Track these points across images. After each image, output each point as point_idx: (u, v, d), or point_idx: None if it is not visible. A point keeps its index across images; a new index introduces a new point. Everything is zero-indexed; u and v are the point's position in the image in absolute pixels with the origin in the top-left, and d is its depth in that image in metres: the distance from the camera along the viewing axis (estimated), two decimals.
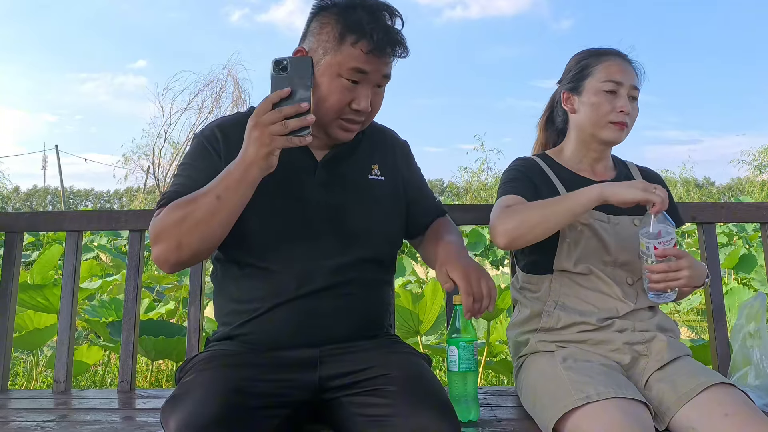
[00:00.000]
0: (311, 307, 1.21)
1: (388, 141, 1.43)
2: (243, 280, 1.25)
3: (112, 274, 5.57)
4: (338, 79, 1.19)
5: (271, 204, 1.22)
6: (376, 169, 1.35)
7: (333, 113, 1.22)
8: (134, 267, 1.76)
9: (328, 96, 1.20)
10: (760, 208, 1.79)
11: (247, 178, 1.11)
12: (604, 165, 1.51)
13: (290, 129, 1.06)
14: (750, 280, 5.97)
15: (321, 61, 1.20)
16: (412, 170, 1.45)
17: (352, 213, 1.28)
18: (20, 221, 1.85)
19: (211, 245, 1.17)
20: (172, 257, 1.16)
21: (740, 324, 1.50)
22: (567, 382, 1.20)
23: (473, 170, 19.06)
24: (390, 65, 1.24)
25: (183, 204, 1.15)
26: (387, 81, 1.25)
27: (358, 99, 1.20)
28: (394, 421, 1.04)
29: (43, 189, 36.24)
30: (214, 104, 20.77)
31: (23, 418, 1.40)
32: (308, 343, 1.20)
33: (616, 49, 1.47)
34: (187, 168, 1.26)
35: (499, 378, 3.22)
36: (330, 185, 1.28)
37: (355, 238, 1.26)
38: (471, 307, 1.16)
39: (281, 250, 1.23)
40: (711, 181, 26.43)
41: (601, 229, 1.39)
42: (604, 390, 1.14)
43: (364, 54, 1.18)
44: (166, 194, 1.22)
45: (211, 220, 1.13)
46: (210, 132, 1.29)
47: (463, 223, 1.77)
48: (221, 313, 1.30)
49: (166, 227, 1.15)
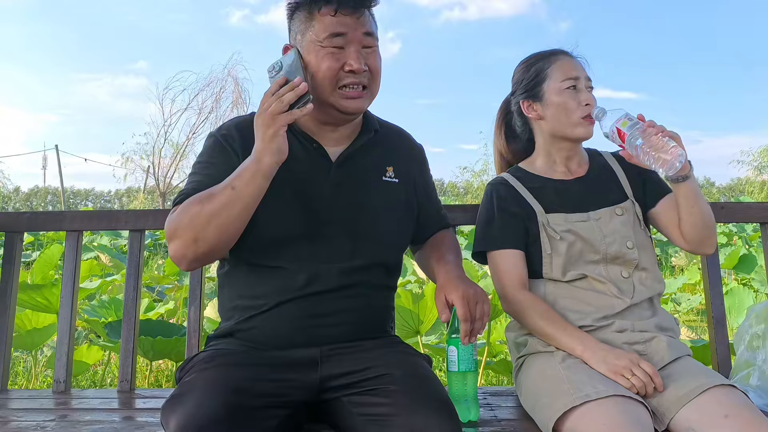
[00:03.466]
0: (316, 306, 1.21)
1: (405, 143, 1.43)
2: (251, 276, 1.25)
3: (111, 274, 5.57)
4: (322, 50, 1.21)
5: (283, 202, 1.22)
6: (391, 171, 1.35)
7: (329, 83, 1.22)
8: (134, 267, 1.76)
9: (319, 68, 1.21)
10: (759, 208, 1.79)
11: (261, 167, 1.12)
12: (578, 161, 1.51)
13: (287, 102, 1.10)
14: (750, 281, 5.96)
15: (303, 44, 1.23)
16: (425, 176, 1.45)
17: (364, 214, 1.28)
18: (20, 221, 1.85)
19: (227, 239, 1.17)
20: (190, 252, 1.16)
21: (748, 325, 1.50)
22: (566, 382, 1.20)
23: (474, 170, 19.05)
24: (367, 21, 1.24)
25: (198, 200, 1.16)
26: (373, 39, 1.25)
27: (348, 60, 1.21)
28: (395, 421, 1.04)
29: (44, 189, 36.25)
30: (215, 104, 20.81)
31: (23, 418, 1.40)
32: (309, 343, 1.20)
33: (560, 49, 1.48)
34: (204, 166, 1.26)
35: (499, 378, 3.22)
36: (344, 185, 1.28)
37: (365, 240, 1.26)
38: (467, 332, 1.21)
39: (292, 248, 1.23)
40: (711, 181, 26.46)
41: (582, 230, 1.39)
42: (603, 389, 1.14)
43: (333, 18, 1.20)
44: (183, 192, 1.23)
45: (228, 212, 1.13)
46: (227, 130, 1.30)
47: (464, 223, 1.78)
48: (226, 307, 1.30)
49: (183, 223, 1.15)
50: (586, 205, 1.43)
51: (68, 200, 32.55)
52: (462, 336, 1.22)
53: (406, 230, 1.36)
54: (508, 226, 1.43)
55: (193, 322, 1.72)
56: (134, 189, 24.14)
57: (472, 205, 1.75)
